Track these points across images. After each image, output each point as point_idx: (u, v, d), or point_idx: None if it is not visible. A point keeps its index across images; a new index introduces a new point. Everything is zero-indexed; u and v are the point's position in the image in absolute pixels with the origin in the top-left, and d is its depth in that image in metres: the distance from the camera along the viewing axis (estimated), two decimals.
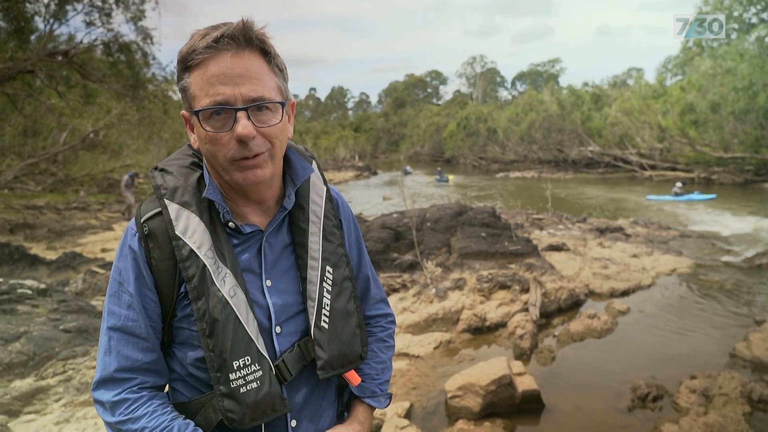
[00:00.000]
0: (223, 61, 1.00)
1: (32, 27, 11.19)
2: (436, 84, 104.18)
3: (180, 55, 1.04)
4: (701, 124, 26.96)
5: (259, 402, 1.06)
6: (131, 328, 1.09)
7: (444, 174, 33.54)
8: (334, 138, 64.42)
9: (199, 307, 1.06)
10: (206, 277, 1.06)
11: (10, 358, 4.40)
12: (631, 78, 49.48)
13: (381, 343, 1.38)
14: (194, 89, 1.03)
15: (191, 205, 1.09)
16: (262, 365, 1.08)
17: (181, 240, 1.07)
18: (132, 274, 1.09)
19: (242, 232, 1.13)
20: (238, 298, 1.08)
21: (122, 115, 15.62)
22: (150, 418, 1.05)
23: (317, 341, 1.15)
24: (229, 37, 1.00)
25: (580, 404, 4.69)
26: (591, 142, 36.05)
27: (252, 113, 1.02)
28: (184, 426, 1.06)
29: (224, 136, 1.02)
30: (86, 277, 8.02)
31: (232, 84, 1.00)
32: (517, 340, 6.01)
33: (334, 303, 1.18)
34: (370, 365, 1.32)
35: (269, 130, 1.05)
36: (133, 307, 1.09)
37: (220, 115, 1.02)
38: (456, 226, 9.34)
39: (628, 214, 16.77)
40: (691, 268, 9.16)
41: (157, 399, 1.10)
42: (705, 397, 4.50)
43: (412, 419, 4.44)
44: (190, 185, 1.12)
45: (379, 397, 1.31)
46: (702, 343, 6.05)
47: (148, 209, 1.12)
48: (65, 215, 17.22)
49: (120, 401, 1.07)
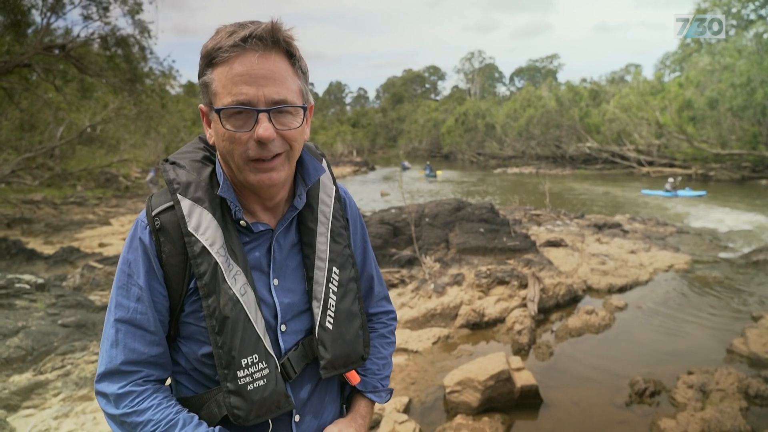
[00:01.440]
0: (249, 61, 1.00)
1: (29, 20, 11.11)
2: (434, 79, 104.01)
3: (204, 50, 1.04)
4: (699, 120, 27.00)
5: (265, 399, 1.07)
6: (139, 321, 1.08)
7: (433, 169, 33.85)
8: (332, 133, 64.31)
9: (210, 304, 1.06)
10: (218, 275, 1.06)
11: (8, 353, 4.39)
12: (629, 74, 49.47)
13: (382, 339, 1.39)
14: (217, 86, 1.03)
15: (204, 202, 1.09)
16: (269, 363, 1.09)
17: (193, 236, 1.07)
18: (142, 266, 1.09)
19: (253, 231, 1.13)
20: (249, 297, 1.08)
21: (119, 110, 15.57)
22: (155, 411, 1.05)
23: (321, 341, 1.16)
24: (257, 38, 1.00)
25: (578, 399, 4.71)
26: (589, 138, 36.08)
27: (273, 115, 1.03)
28: (189, 419, 1.06)
29: (243, 136, 1.02)
30: (84, 271, 8.00)
31: (256, 85, 1.00)
32: (515, 335, 6.03)
33: (339, 304, 1.19)
34: (372, 360, 1.33)
35: (289, 134, 1.05)
36: (142, 299, 1.08)
37: (242, 115, 1.02)
38: (454, 222, 9.35)
39: (626, 210, 16.80)
40: (688, 264, 9.19)
41: (161, 392, 1.10)
42: (702, 393, 4.52)
43: (411, 414, 4.45)
44: (203, 181, 1.12)
45: (380, 392, 1.33)
46: (699, 339, 6.08)
47: (159, 203, 1.11)
48: (62, 210, 17.17)
49: (125, 394, 1.06)
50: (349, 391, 1.33)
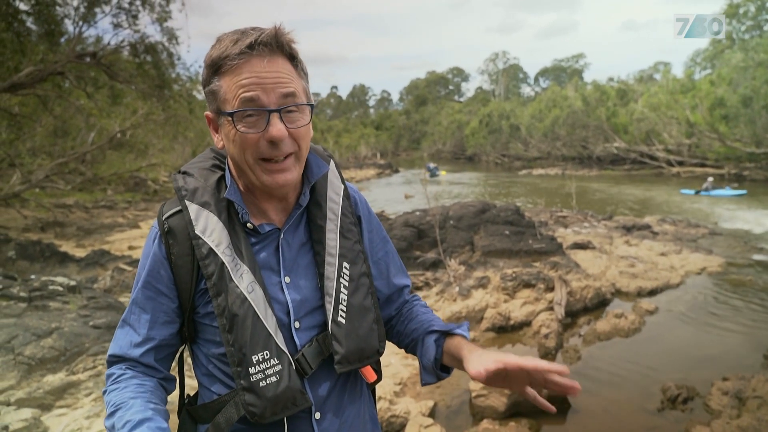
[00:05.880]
0: (257, 66, 1.04)
1: (62, 30, 11.41)
2: (458, 81, 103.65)
3: (210, 60, 1.07)
4: (732, 118, 26.23)
5: (279, 396, 1.08)
6: (131, 321, 1.17)
7: (437, 169, 33.72)
8: (356, 136, 64.58)
9: (219, 304, 1.10)
10: (225, 274, 1.10)
11: (42, 354, 4.51)
12: (658, 72, 48.48)
13: (420, 307, 1.40)
14: (225, 92, 1.06)
15: (210, 205, 1.14)
16: (281, 359, 1.10)
17: (200, 239, 1.11)
18: (146, 270, 1.16)
19: (260, 232, 1.16)
20: (257, 294, 1.11)
21: (148, 115, 15.87)
22: (118, 393, 1.08)
23: (334, 336, 1.16)
24: (263, 44, 1.04)
25: (607, 405, 4.62)
26: (616, 139, 35.41)
27: (283, 115, 1.07)
28: (139, 405, 1.04)
29: (255, 137, 1.06)
30: (114, 274, 8.18)
31: (265, 88, 1.05)
32: (541, 339, 5.94)
33: (351, 299, 1.20)
34: (425, 314, 1.35)
35: (298, 132, 1.09)
36: (136, 302, 1.16)
37: (253, 117, 1.06)
38: (479, 224, 9.27)
39: (655, 211, 16.44)
40: (721, 266, 8.93)
41: (137, 379, 1.12)
42: (738, 400, 4.38)
43: (437, 418, 4.42)
44: (210, 186, 1.16)
45: (462, 326, 1.26)
46: (734, 344, 5.90)
47: (169, 208, 1.18)
48: (93, 213, 17.62)
49: (108, 375, 1.14)
50: (435, 350, 1.24)
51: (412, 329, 1.34)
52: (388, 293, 1.37)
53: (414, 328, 1.34)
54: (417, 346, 1.32)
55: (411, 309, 1.39)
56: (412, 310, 1.39)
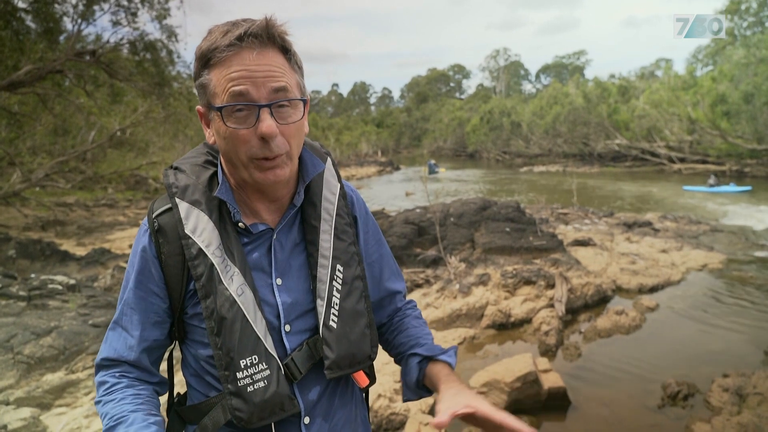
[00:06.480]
0: (247, 59, 1.00)
1: (61, 28, 11.42)
2: (459, 78, 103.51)
3: (199, 52, 1.03)
4: (733, 115, 26.14)
5: (267, 401, 1.05)
6: (123, 323, 1.13)
7: (437, 166, 33.76)
8: (357, 133, 64.51)
9: (208, 306, 1.06)
10: (214, 276, 1.07)
11: (41, 352, 4.51)
12: (660, 69, 48.30)
13: (419, 320, 1.36)
14: (215, 86, 1.02)
15: (201, 204, 1.10)
16: (270, 364, 1.07)
17: (190, 239, 1.08)
18: (135, 270, 1.12)
19: (252, 232, 1.13)
20: (246, 297, 1.07)
21: (148, 113, 15.86)
22: (114, 405, 1.05)
23: (325, 340, 1.13)
24: (253, 35, 1.00)
25: (607, 401, 4.60)
26: (618, 135, 35.32)
27: (274, 110, 1.02)
28: (140, 419, 1.03)
29: (246, 133, 1.02)
30: (114, 272, 8.18)
31: (255, 81, 1.00)
32: (542, 336, 5.93)
33: (343, 302, 1.16)
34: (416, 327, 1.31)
35: (290, 128, 1.05)
36: (127, 302, 1.12)
37: (242, 112, 1.01)
38: (480, 221, 9.26)
39: (657, 208, 16.41)
40: (722, 263, 8.91)
41: (133, 389, 1.10)
42: (738, 396, 4.36)
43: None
44: (201, 183, 1.12)
45: (448, 352, 1.24)
46: (734, 341, 5.88)
47: (160, 205, 1.14)
48: (94, 212, 17.63)
49: (101, 383, 1.10)
50: (417, 372, 1.23)
51: (399, 343, 1.31)
52: (379, 297, 1.34)
53: (401, 342, 1.30)
54: (401, 362, 1.29)
55: (402, 320, 1.35)
56: (402, 321, 1.35)
